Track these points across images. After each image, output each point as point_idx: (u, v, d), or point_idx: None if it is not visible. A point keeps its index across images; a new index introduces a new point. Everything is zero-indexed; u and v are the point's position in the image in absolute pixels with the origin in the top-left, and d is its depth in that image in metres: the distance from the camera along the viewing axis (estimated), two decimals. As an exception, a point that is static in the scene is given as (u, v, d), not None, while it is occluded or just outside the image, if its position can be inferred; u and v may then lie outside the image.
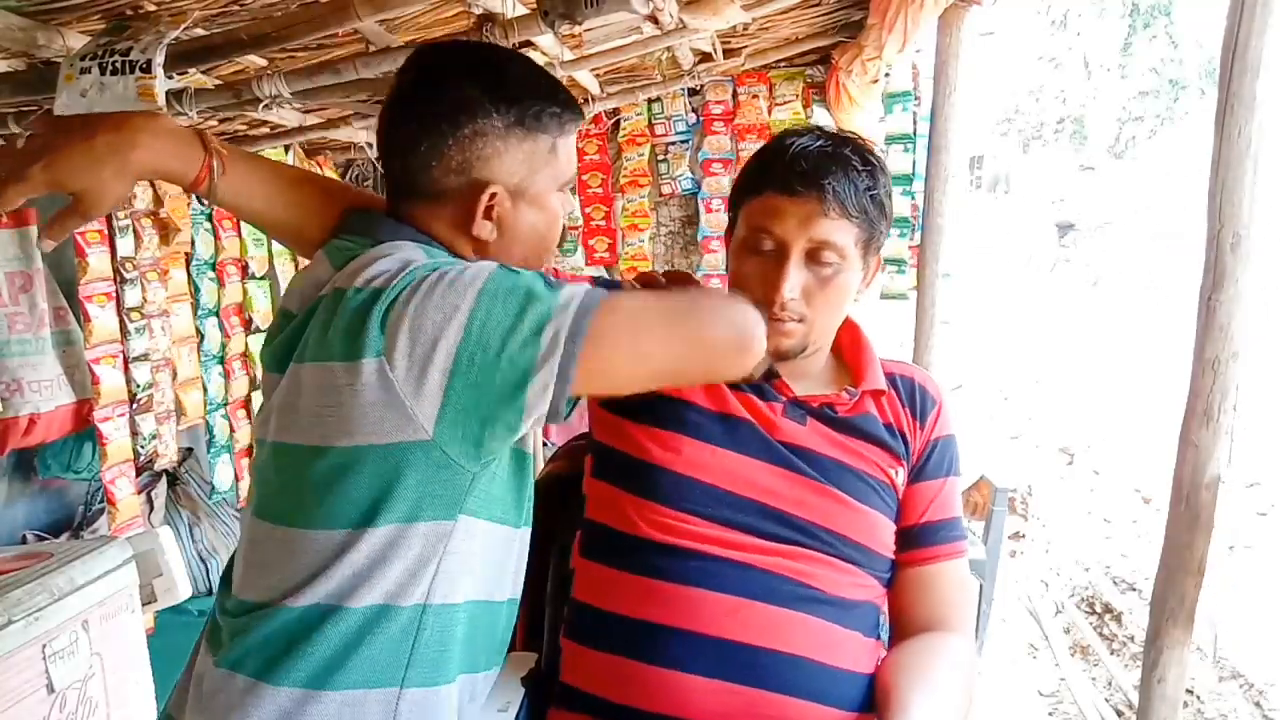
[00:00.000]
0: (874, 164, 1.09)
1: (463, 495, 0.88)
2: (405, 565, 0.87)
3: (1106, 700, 3.22)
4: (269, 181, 1.06)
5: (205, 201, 1.07)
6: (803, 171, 1.05)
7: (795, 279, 1.06)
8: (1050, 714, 3.16)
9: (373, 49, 2.36)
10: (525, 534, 1.02)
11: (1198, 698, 3.15)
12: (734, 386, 1.12)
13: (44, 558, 2.05)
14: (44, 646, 1.87)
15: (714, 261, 4.20)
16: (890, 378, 1.19)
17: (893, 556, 1.13)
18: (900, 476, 1.14)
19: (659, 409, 1.12)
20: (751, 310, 0.97)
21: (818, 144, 1.07)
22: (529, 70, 0.99)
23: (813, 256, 1.07)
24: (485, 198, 0.94)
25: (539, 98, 0.96)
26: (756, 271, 1.09)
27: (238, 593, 0.93)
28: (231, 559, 0.99)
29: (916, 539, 1.14)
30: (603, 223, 4.27)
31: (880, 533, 1.11)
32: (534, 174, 0.97)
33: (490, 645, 1.00)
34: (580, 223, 4.28)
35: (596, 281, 1.21)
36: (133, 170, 0.96)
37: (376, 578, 0.86)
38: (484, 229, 0.96)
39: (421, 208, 0.98)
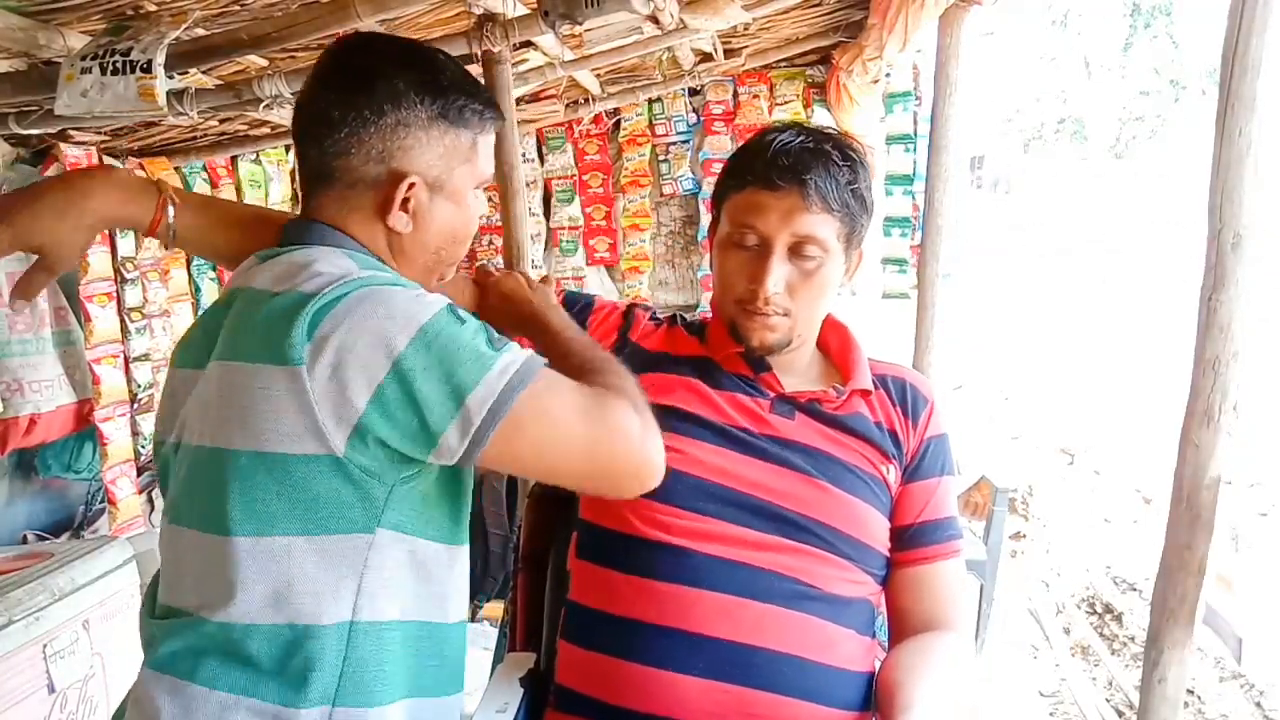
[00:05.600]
0: (854, 158, 1.10)
1: (379, 508, 0.86)
2: (322, 579, 0.85)
3: (1107, 700, 3.21)
4: (221, 220, 1.09)
5: (164, 245, 1.09)
6: (784, 166, 1.06)
7: (779, 273, 1.07)
8: (1051, 714, 3.16)
9: (373, 49, 2.35)
10: (464, 551, 0.99)
11: (1198, 698, 3.15)
12: (720, 386, 1.13)
13: (44, 558, 2.06)
14: (45, 646, 1.87)
15: (714, 261, 4.20)
16: (881, 378, 1.19)
17: (886, 553, 1.13)
18: (892, 474, 1.14)
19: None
20: (656, 439, 0.93)
21: (798, 140, 1.08)
22: (455, 66, 0.99)
23: (795, 251, 1.08)
24: (404, 188, 0.93)
25: (463, 93, 0.95)
26: (740, 266, 1.10)
27: (162, 598, 0.91)
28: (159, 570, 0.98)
29: (913, 539, 1.14)
30: (603, 223, 4.28)
31: (872, 526, 1.11)
32: (452, 169, 0.96)
33: (439, 669, 0.97)
34: (581, 223, 4.29)
35: (568, 298, 1.23)
36: (90, 220, 0.99)
37: (290, 591, 0.84)
38: (399, 220, 0.95)
39: (335, 197, 0.95)
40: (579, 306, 1.23)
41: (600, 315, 1.23)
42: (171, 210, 1.01)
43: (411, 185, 0.93)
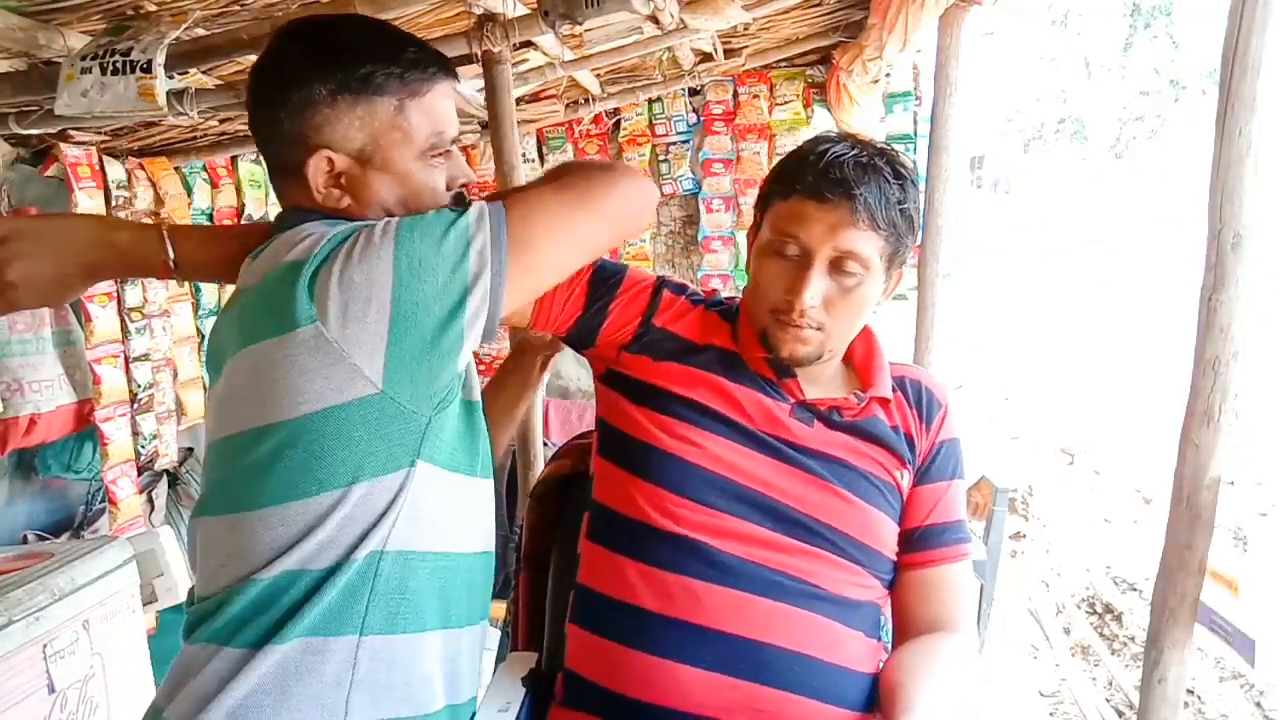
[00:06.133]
0: (905, 177, 1.07)
1: (419, 441, 0.89)
2: (367, 519, 0.87)
3: (1107, 700, 3.21)
4: (221, 254, 1.06)
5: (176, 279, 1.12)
6: (835, 179, 1.03)
7: (817, 287, 1.05)
8: (1051, 714, 3.16)
9: (373, 49, 2.35)
10: (486, 485, 1.02)
11: (1198, 698, 3.15)
12: (742, 383, 1.12)
13: (45, 558, 2.05)
14: (45, 646, 1.87)
15: (715, 261, 4.20)
16: (899, 380, 1.18)
17: (894, 557, 1.13)
18: (905, 479, 1.14)
19: (664, 397, 1.11)
20: (636, 173, 1.04)
21: (852, 152, 1.05)
22: (364, 33, 0.97)
23: (836, 266, 1.05)
24: (316, 164, 0.93)
25: (369, 60, 0.93)
26: (779, 276, 1.07)
27: (201, 592, 0.93)
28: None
29: (920, 541, 1.14)
30: (603, 223, 4.28)
31: (883, 533, 1.11)
32: (378, 139, 0.94)
33: (467, 598, 0.99)
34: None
35: (600, 268, 1.17)
36: (95, 283, 1.06)
37: (341, 537, 0.87)
38: (330, 196, 0.95)
39: (285, 185, 0.98)
40: (609, 276, 1.18)
41: (627, 296, 1.16)
42: (171, 257, 1.01)
43: (330, 161, 0.93)
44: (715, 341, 1.15)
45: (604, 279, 1.17)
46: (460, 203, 1.02)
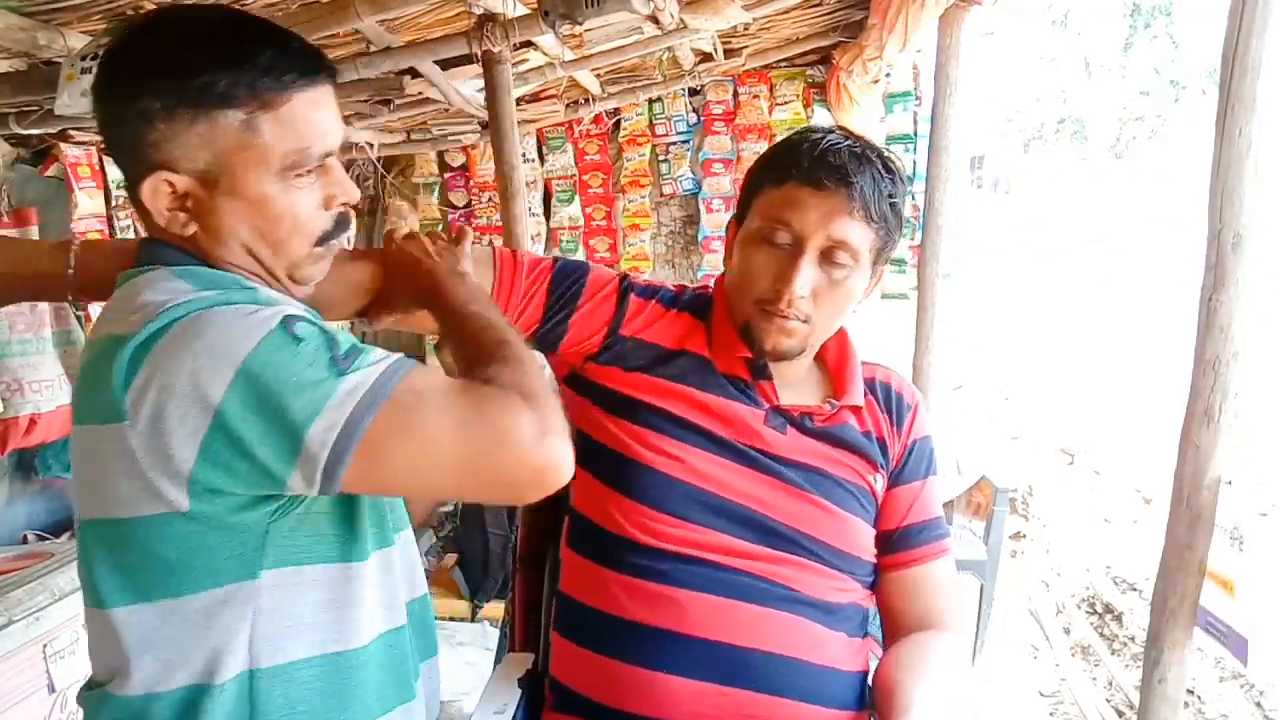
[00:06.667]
0: (895, 172, 1.07)
1: (258, 551, 0.79)
2: (212, 637, 0.79)
3: (1107, 700, 3.21)
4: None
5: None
6: (833, 165, 1.02)
7: (807, 276, 1.03)
8: (1051, 714, 3.16)
9: (373, 49, 2.36)
10: (382, 557, 0.91)
11: (1198, 698, 3.15)
12: (715, 392, 1.10)
13: (45, 557, 2.06)
14: (45, 646, 1.87)
15: (715, 261, 4.19)
16: (869, 382, 1.17)
17: (873, 560, 1.13)
18: (879, 483, 1.14)
19: (637, 407, 1.09)
20: (562, 441, 0.80)
21: (846, 143, 1.05)
22: (210, 31, 0.81)
23: (827, 256, 1.03)
24: (157, 186, 0.80)
25: (210, 66, 0.78)
26: (767, 264, 1.05)
27: (92, 674, 0.88)
28: None
29: (900, 542, 1.14)
30: (603, 223, 4.28)
31: (860, 537, 1.11)
32: (223, 159, 0.80)
33: (377, 689, 0.89)
34: (581, 223, 4.29)
35: (560, 270, 1.14)
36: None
37: (180, 655, 0.79)
38: (175, 222, 0.82)
39: (137, 206, 0.84)
40: (570, 281, 1.13)
41: (589, 305, 1.13)
42: (71, 277, 0.96)
43: (170, 184, 0.81)
44: (688, 347, 1.13)
45: (563, 287, 1.12)
46: (344, 225, 0.90)
